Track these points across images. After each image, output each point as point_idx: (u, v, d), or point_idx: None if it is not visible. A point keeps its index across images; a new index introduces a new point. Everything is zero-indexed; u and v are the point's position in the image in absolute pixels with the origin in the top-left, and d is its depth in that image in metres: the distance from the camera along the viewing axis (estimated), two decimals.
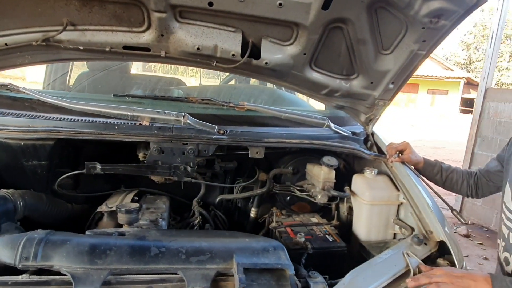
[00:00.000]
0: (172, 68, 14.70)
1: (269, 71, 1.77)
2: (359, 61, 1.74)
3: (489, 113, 5.60)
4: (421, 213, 1.63)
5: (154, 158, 1.67)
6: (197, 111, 1.92)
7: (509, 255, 1.50)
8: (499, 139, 5.44)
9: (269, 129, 1.91)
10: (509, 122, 5.31)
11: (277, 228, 1.76)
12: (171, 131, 1.69)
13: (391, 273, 1.34)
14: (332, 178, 1.85)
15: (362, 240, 1.77)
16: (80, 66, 3.09)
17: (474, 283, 1.23)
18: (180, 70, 14.24)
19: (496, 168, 1.72)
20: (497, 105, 5.49)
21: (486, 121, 5.64)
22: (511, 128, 5.26)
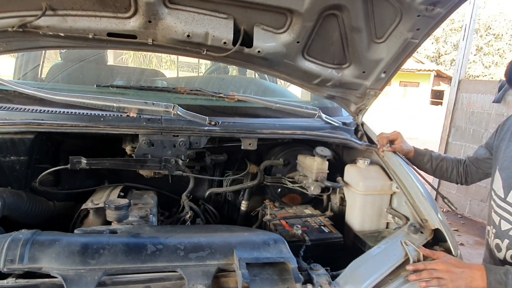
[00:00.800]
0: (145, 61, 14.31)
1: (261, 60, 1.72)
2: (352, 49, 1.72)
3: (462, 104, 5.78)
4: (415, 201, 1.64)
5: (143, 152, 1.60)
6: (185, 102, 1.85)
7: (500, 242, 1.53)
8: (472, 129, 5.62)
9: (260, 120, 1.87)
10: (481, 112, 5.49)
11: (271, 221, 1.72)
12: (160, 122, 1.61)
13: (391, 263, 1.34)
14: (325, 169, 1.83)
15: (356, 230, 1.76)
16: (53, 58, 2.93)
17: (471, 278, 1.26)
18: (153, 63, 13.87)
19: (485, 156, 1.74)
20: (470, 96, 5.66)
21: (459, 112, 5.82)
22: (483, 118, 5.46)
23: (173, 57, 11.90)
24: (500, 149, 1.62)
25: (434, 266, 1.31)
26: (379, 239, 1.67)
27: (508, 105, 5.11)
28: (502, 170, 1.57)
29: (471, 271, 1.27)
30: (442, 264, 1.30)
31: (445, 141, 5.99)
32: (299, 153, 2.03)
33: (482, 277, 1.25)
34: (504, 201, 1.52)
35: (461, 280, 1.26)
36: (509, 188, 1.51)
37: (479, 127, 5.51)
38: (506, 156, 1.57)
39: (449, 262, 1.31)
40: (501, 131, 1.66)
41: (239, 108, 1.92)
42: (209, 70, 2.89)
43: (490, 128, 5.32)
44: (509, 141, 1.58)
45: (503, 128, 1.66)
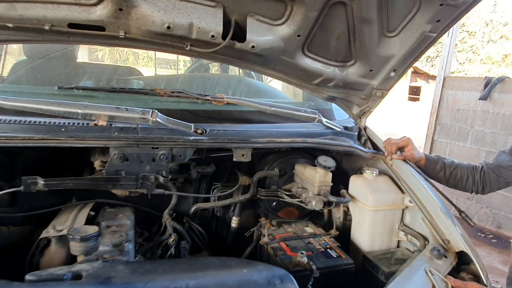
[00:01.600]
0: (122, 58, 13.65)
1: (255, 57, 1.48)
2: (359, 45, 1.50)
3: (447, 101, 5.70)
4: (434, 218, 1.44)
5: (116, 168, 1.32)
6: (166, 106, 1.58)
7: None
8: (457, 127, 5.55)
9: (254, 126, 1.62)
10: (466, 109, 5.42)
11: (269, 244, 1.48)
12: (136, 132, 1.34)
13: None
14: (329, 182, 1.61)
15: (366, 251, 1.55)
16: (17, 53, 2.59)
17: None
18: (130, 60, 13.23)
19: (509, 163, 1.56)
20: (455, 93, 5.58)
21: (445, 109, 5.74)
22: (469, 116, 5.38)
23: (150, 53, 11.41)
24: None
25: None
26: (392, 261, 1.46)
27: (494, 103, 5.04)
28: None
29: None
30: None
31: (431, 139, 5.90)
32: (296, 162, 1.80)
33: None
34: None
35: None
36: None
37: (465, 125, 5.43)
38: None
39: None
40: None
41: (229, 113, 1.67)
42: (190, 68, 2.62)
43: (476, 126, 5.26)
44: None
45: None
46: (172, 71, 9.43)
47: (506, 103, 4.91)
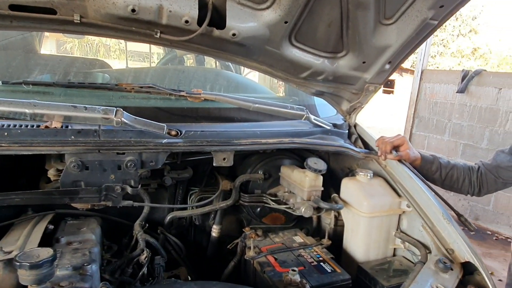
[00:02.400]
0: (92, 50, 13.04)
1: (236, 47, 1.29)
2: (352, 33, 1.34)
3: (425, 94, 5.69)
4: (435, 225, 1.31)
5: (73, 178, 1.12)
6: (133, 104, 1.38)
7: None
8: (435, 119, 5.55)
9: (235, 125, 1.44)
10: (444, 102, 5.42)
11: (255, 259, 1.31)
12: (97, 135, 1.14)
13: None
14: (320, 186, 1.45)
15: (360, 262, 1.41)
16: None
17: None
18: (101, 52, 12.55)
19: (509, 163, 1.46)
20: (433, 86, 5.58)
21: (422, 102, 5.73)
22: (447, 109, 5.39)
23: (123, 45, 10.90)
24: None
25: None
26: (391, 273, 1.33)
27: (471, 95, 5.06)
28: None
29: None
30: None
31: (409, 132, 5.89)
32: (281, 163, 1.64)
33: None
34: None
35: None
36: None
37: (443, 118, 5.44)
38: None
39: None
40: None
41: (207, 110, 1.48)
42: (163, 61, 2.39)
43: (454, 119, 5.27)
44: None
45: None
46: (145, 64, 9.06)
47: (482, 96, 4.93)
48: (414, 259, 1.39)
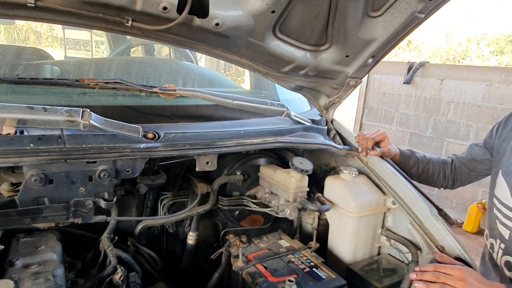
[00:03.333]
0: (21, 37, 11.92)
1: (218, 38, 1.17)
2: (338, 25, 1.27)
3: (374, 85, 5.89)
4: (423, 223, 1.30)
5: (35, 194, 0.93)
6: (98, 102, 1.20)
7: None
8: (384, 110, 5.77)
9: (217, 125, 1.31)
10: (391, 93, 5.65)
11: (244, 269, 1.22)
12: (62, 142, 0.96)
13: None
14: (305, 186, 1.38)
15: (348, 263, 1.37)
16: None
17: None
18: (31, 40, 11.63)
19: (484, 156, 1.49)
20: (381, 77, 5.78)
21: (371, 93, 5.93)
22: (394, 99, 5.62)
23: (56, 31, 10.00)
24: (503, 150, 1.37)
25: (448, 270, 1.02)
26: (382, 273, 1.31)
27: (417, 86, 5.31)
28: (508, 175, 1.31)
29: None
30: (460, 272, 1.01)
31: (359, 122, 6.08)
32: (258, 163, 1.55)
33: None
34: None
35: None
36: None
37: (390, 108, 5.67)
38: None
39: (471, 273, 1.02)
40: (503, 129, 1.40)
41: (182, 108, 1.34)
42: (116, 51, 2.15)
43: (401, 109, 5.51)
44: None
45: (505, 126, 1.40)
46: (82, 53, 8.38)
47: (427, 87, 5.20)
48: (401, 257, 1.38)
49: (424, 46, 20.30)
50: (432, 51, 19.94)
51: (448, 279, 1.00)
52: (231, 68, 9.13)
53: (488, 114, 4.55)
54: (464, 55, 23.48)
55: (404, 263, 1.35)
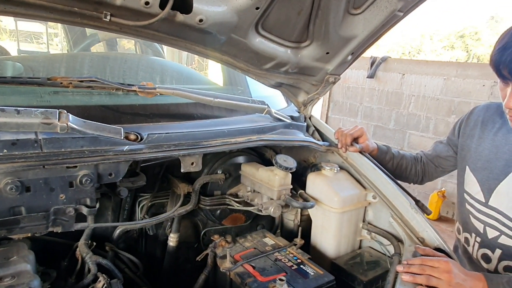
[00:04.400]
0: None
1: (200, 35, 1.13)
2: (320, 22, 1.27)
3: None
4: (403, 215, 1.34)
5: (11, 204, 0.86)
6: (73, 102, 1.13)
7: (490, 251, 1.34)
8: (348, 103, 5.92)
9: (200, 124, 1.28)
10: (356, 87, 5.80)
11: (232, 270, 1.20)
12: (39, 146, 0.89)
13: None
14: (289, 184, 1.38)
15: (332, 258, 1.39)
16: None
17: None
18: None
19: (447, 153, 1.55)
20: (345, 71, 5.90)
21: (336, 87, 6.05)
22: (358, 93, 5.78)
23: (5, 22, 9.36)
24: (468, 147, 1.43)
25: (433, 263, 1.06)
26: (366, 267, 1.34)
27: (379, 80, 5.48)
28: (477, 171, 1.38)
29: (472, 281, 1.05)
30: (445, 264, 1.05)
31: (325, 116, 6.20)
32: (239, 161, 1.53)
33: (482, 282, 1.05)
34: (486, 206, 1.33)
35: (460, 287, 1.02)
36: (489, 191, 1.32)
37: (355, 101, 5.82)
38: (479, 155, 1.37)
39: (455, 264, 1.07)
40: (465, 127, 1.46)
41: (162, 107, 1.29)
42: (82, 45, 2.03)
43: (365, 102, 5.67)
44: (479, 138, 1.39)
45: (467, 124, 1.46)
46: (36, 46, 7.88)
47: (389, 81, 5.38)
48: (382, 249, 1.41)
49: (382, 41, 20.96)
50: (390, 45, 20.66)
51: (434, 271, 1.03)
52: (194, 62, 8.97)
53: (446, 107, 4.79)
54: (419, 50, 24.55)
55: (386, 255, 1.39)
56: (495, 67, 1.07)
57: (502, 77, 1.07)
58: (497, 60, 1.05)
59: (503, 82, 1.11)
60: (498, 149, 1.30)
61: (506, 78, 1.06)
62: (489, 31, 26.60)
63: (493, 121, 1.35)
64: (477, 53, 23.74)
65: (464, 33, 25.40)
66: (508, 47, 1.02)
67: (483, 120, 1.38)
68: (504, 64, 1.03)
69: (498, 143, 1.31)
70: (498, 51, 1.05)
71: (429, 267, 1.05)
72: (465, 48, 24.59)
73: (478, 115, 1.40)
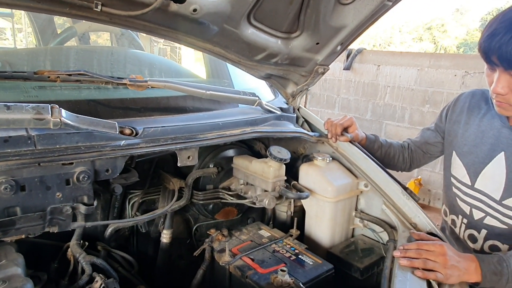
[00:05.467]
0: None
1: (192, 25, 1.11)
2: (311, 13, 1.27)
3: None
4: (395, 202, 1.37)
5: (5, 204, 0.82)
6: (62, 97, 1.08)
7: (476, 232, 1.40)
8: (326, 95, 6.00)
9: (194, 117, 1.25)
10: (333, 79, 5.87)
11: (231, 263, 1.19)
12: (32, 143, 0.85)
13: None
14: (283, 175, 1.38)
15: (328, 247, 1.41)
16: None
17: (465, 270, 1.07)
18: None
19: (435, 139, 1.59)
20: None
21: None
22: (335, 85, 5.86)
23: None
24: (455, 132, 1.48)
25: (429, 247, 1.09)
26: (360, 254, 1.36)
27: (356, 72, 5.57)
28: (463, 155, 1.43)
29: (465, 262, 1.09)
30: (440, 247, 1.09)
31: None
32: (230, 154, 1.52)
33: (476, 269, 1.09)
34: (472, 188, 1.39)
35: (455, 269, 1.06)
36: (475, 175, 1.38)
37: (332, 93, 5.90)
38: (465, 140, 1.42)
39: (449, 247, 1.11)
40: (452, 113, 1.51)
41: (154, 101, 1.25)
42: (59, 39, 1.94)
43: (342, 94, 5.75)
44: (465, 124, 1.44)
45: (454, 110, 1.51)
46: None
47: (365, 73, 5.48)
48: (375, 236, 1.45)
49: None
50: (362, 37, 20.92)
51: (430, 255, 1.06)
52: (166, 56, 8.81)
53: (420, 97, 4.93)
54: (389, 42, 25.04)
55: (379, 242, 1.42)
56: (484, 54, 1.11)
57: (491, 63, 1.11)
58: (486, 47, 1.08)
59: (490, 69, 1.15)
60: (483, 134, 1.35)
61: (495, 64, 1.09)
62: (455, 23, 27.51)
63: (479, 107, 1.39)
64: (443, 44, 24.56)
65: (431, 25, 26.16)
66: (497, 34, 1.05)
67: (469, 106, 1.42)
68: (493, 50, 1.06)
69: (483, 128, 1.35)
70: (486, 38, 1.09)
71: (425, 251, 1.08)
72: (433, 39, 25.35)
73: (464, 102, 1.45)
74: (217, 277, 1.25)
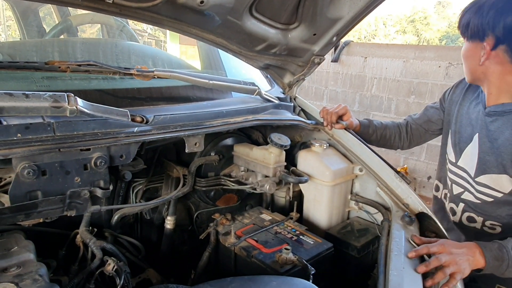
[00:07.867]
0: None
1: (198, 17, 1.15)
2: (309, 4, 1.32)
3: None
4: (389, 185, 1.45)
5: (28, 188, 0.85)
6: (72, 87, 1.12)
7: (455, 205, 1.50)
8: (314, 87, 6.07)
9: (200, 105, 1.30)
10: (320, 71, 5.94)
11: (236, 245, 1.25)
12: (52, 130, 0.88)
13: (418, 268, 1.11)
14: (283, 161, 1.45)
15: (326, 229, 1.48)
16: None
17: (472, 257, 1.13)
18: None
19: (438, 117, 1.65)
20: None
21: None
22: (323, 77, 5.93)
23: None
24: (451, 112, 1.56)
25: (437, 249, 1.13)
26: (356, 234, 1.44)
27: (343, 64, 5.66)
28: (453, 134, 1.52)
29: (469, 250, 1.15)
30: (443, 247, 1.13)
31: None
32: (231, 142, 1.57)
33: (480, 255, 1.15)
34: (455, 165, 1.49)
35: (465, 262, 1.12)
36: (460, 153, 1.47)
37: (320, 85, 5.98)
38: (456, 120, 1.51)
39: (448, 243, 1.17)
40: (453, 94, 1.59)
41: (159, 90, 1.29)
42: (53, 32, 1.95)
43: (330, 86, 5.84)
44: (460, 105, 1.52)
45: (455, 91, 1.59)
46: None
47: (352, 65, 5.57)
48: (370, 218, 1.53)
49: None
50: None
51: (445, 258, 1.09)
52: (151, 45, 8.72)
53: (406, 88, 5.04)
54: (374, 34, 25.24)
55: (374, 223, 1.50)
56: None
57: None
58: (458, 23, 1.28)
59: None
60: (469, 116, 1.44)
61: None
62: (437, 16, 27.90)
63: (473, 92, 1.48)
64: (426, 37, 24.92)
65: (414, 18, 26.47)
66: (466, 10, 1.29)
67: (466, 90, 1.52)
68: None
69: (470, 111, 1.45)
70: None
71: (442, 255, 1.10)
72: (416, 32, 25.67)
73: (464, 85, 1.53)
74: (223, 258, 1.31)
